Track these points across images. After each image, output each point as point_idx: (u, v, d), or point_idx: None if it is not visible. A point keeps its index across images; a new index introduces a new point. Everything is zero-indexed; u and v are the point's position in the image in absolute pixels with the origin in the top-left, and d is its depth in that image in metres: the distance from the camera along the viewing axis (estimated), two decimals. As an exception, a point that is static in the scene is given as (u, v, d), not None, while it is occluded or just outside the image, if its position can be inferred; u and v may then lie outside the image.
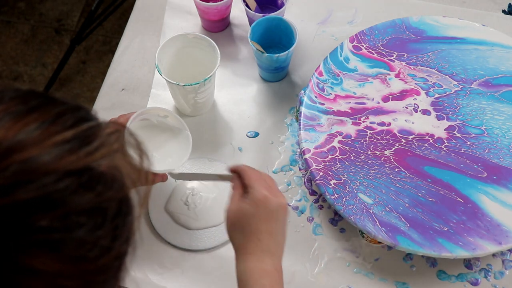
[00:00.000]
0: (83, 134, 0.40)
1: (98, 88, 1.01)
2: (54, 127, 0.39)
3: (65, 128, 0.40)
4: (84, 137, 0.40)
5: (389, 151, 0.86)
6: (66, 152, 0.39)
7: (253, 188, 0.68)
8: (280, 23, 0.93)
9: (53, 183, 0.38)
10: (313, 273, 0.84)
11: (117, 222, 0.41)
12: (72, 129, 0.40)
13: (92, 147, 0.40)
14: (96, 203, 0.40)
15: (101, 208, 0.40)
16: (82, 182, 0.39)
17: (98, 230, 0.40)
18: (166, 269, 0.85)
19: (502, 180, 0.84)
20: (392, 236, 0.80)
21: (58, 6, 1.98)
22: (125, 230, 0.43)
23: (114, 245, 0.41)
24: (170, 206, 0.88)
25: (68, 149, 0.39)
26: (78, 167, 0.39)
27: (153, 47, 1.02)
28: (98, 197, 0.40)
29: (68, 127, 0.40)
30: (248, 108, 0.97)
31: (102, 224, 0.40)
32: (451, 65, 0.93)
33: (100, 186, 0.40)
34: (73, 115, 0.41)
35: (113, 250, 0.42)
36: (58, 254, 0.38)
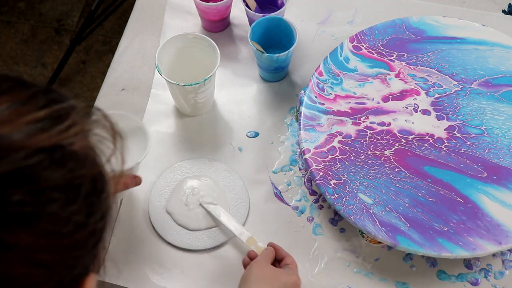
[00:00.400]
0: (55, 114, 0.42)
1: (98, 88, 1.01)
2: (25, 107, 0.41)
3: (37, 108, 0.41)
4: (56, 117, 0.42)
5: (389, 151, 0.86)
6: (38, 130, 0.40)
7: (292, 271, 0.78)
8: (280, 23, 0.93)
9: (24, 158, 0.39)
10: (313, 273, 0.84)
11: (91, 199, 0.43)
12: (44, 110, 0.41)
13: (63, 126, 0.41)
14: (69, 179, 0.41)
15: (74, 184, 0.41)
16: (54, 158, 0.40)
17: (71, 206, 0.41)
18: (166, 269, 0.85)
19: (502, 180, 0.84)
20: (392, 236, 0.80)
21: (58, 6, 1.98)
22: (100, 207, 0.44)
23: (88, 221, 0.43)
24: (170, 206, 0.88)
25: (40, 128, 0.40)
26: (49, 145, 0.40)
27: (153, 47, 1.02)
28: (70, 173, 0.41)
29: (40, 107, 0.41)
30: (248, 108, 0.97)
31: (75, 200, 0.41)
32: (451, 65, 0.93)
33: (72, 163, 0.41)
34: (45, 97, 0.43)
35: (88, 226, 0.43)
36: (31, 228, 0.39)
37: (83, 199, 0.42)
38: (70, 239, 0.42)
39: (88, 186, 0.42)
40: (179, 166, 0.91)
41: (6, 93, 0.41)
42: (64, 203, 0.41)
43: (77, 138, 0.42)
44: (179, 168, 0.91)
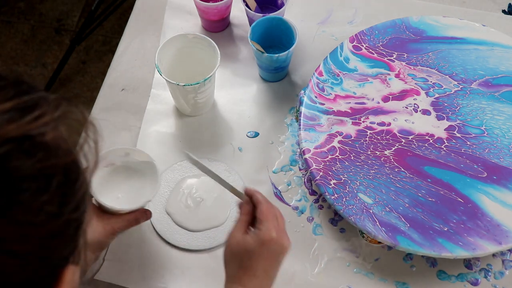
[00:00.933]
0: (23, 105, 0.42)
1: (98, 88, 1.01)
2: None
3: (4, 99, 0.41)
4: (25, 108, 0.42)
5: (389, 151, 0.86)
6: (5, 121, 0.40)
7: (263, 225, 0.70)
8: (280, 23, 0.93)
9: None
10: (313, 273, 0.84)
11: (64, 189, 0.43)
12: (12, 101, 0.41)
13: (32, 116, 0.41)
14: (39, 169, 0.41)
15: (45, 174, 0.41)
16: (23, 148, 0.40)
17: (43, 195, 0.41)
18: (166, 269, 0.85)
19: (502, 180, 0.84)
20: (392, 236, 0.80)
21: (58, 6, 1.98)
22: (74, 197, 0.44)
23: (62, 211, 0.43)
24: (170, 207, 0.88)
25: (8, 118, 0.40)
26: (17, 135, 0.40)
27: (153, 47, 1.02)
28: (39, 163, 0.41)
29: (8, 98, 0.41)
30: (248, 108, 0.97)
31: (46, 190, 0.41)
32: (451, 65, 0.93)
33: (42, 153, 0.41)
34: (13, 89, 0.43)
35: (61, 216, 0.43)
36: (2, 218, 0.40)
37: (55, 188, 0.42)
38: (43, 229, 0.42)
39: (60, 175, 0.42)
40: (179, 166, 0.91)
41: None
42: (35, 192, 0.41)
43: (48, 128, 0.42)
44: (179, 168, 0.91)
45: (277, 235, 0.69)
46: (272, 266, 0.70)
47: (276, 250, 0.69)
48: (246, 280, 0.69)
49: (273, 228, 0.69)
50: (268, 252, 0.69)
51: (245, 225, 0.72)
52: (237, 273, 0.69)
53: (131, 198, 0.80)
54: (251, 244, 0.69)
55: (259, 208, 0.72)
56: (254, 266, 0.69)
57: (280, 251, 0.70)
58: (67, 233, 0.44)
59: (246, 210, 0.73)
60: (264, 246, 0.69)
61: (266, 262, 0.69)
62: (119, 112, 0.97)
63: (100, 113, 0.97)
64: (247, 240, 0.69)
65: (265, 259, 0.69)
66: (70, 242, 0.45)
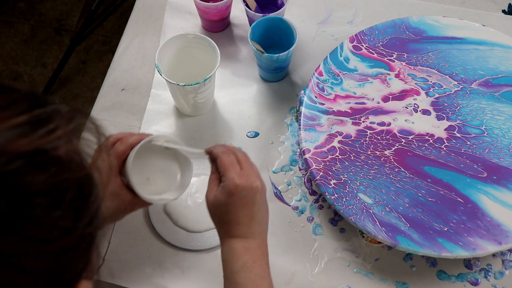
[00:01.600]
0: (36, 119, 0.41)
1: (98, 88, 1.01)
2: (6, 112, 0.40)
3: (17, 113, 0.41)
4: (38, 121, 0.41)
5: (389, 151, 0.86)
6: (18, 135, 0.40)
7: (225, 177, 0.69)
8: (280, 23, 0.93)
9: (4, 164, 0.38)
10: (313, 273, 0.84)
11: (77, 203, 0.42)
12: (25, 115, 0.41)
13: (44, 130, 0.41)
14: (52, 184, 0.40)
15: (57, 189, 0.41)
16: (35, 163, 0.40)
17: (56, 211, 0.40)
18: (166, 269, 0.85)
19: (502, 180, 0.84)
20: (392, 236, 0.80)
21: (58, 6, 1.98)
22: (88, 211, 0.43)
23: (75, 226, 0.42)
24: (169, 207, 0.88)
25: (20, 133, 0.40)
26: (30, 149, 0.40)
27: (153, 47, 1.02)
28: (52, 178, 0.40)
29: (21, 112, 0.41)
30: (248, 108, 0.97)
31: (59, 205, 0.41)
32: (451, 65, 0.93)
33: (55, 167, 0.41)
34: (26, 102, 0.42)
35: (75, 232, 0.42)
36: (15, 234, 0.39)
37: (68, 203, 0.41)
38: (57, 244, 0.41)
39: (73, 190, 0.42)
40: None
41: None
42: (47, 208, 0.40)
43: (61, 142, 0.41)
44: None
45: (240, 180, 0.68)
46: (252, 209, 0.69)
47: (247, 195, 0.68)
48: (233, 231, 0.69)
49: (235, 175, 0.69)
50: (239, 199, 0.68)
51: (214, 183, 0.71)
52: (223, 229, 0.70)
53: (160, 184, 0.79)
54: (221, 199, 0.69)
55: (218, 162, 0.71)
56: (234, 217, 0.68)
57: (252, 194, 0.69)
58: (80, 248, 0.43)
59: (212, 169, 0.73)
60: (233, 195, 0.68)
61: (244, 209, 0.68)
62: (119, 112, 0.97)
63: (100, 113, 0.97)
64: (217, 196, 0.69)
65: (241, 207, 0.68)
66: (83, 257, 0.44)
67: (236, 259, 0.68)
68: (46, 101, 0.44)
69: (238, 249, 0.69)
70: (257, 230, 0.70)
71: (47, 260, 0.41)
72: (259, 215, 0.70)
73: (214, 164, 0.72)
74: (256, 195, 0.69)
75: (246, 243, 0.69)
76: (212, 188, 0.71)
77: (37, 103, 0.43)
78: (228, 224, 0.69)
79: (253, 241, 0.69)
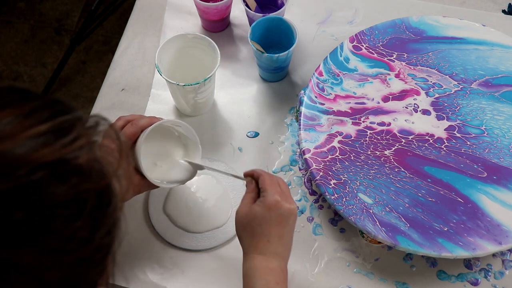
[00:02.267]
0: (58, 127, 0.41)
1: (98, 88, 1.01)
2: (28, 121, 0.40)
3: (40, 121, 0.40)
4: (60, 130, 0.41)
5: (389, 151, 0.86)
6: (41, 145, 0.39)
7: (266, 192, 0.70)
8: (280, 23, 0.93)
9: (27, 175, 0.38)
10: (313, 273, 0.84)
11: (96, 213, 0.42)
12: (47, 123, 0.40)
13: (67, 139, 0.40)
14: (73, 195, 0.40)
15: (78, 199, 0.40)
16: (57, 174, 0.39)
17: (76, 222, 0.40)
18: (166, 269, 0.85)
19: (502, 180, 0.84)
20: (392, 236, 0.80)
21: (58, 6, 1.98)
22: (106, 221, 0.43)
23: (94, 237, 0.42)
24: (168, 208, 0.87)
25: (43, 142, 0.39)
26: (52, 159, 0.39)
27: (153, 47, 1.02)
28: (74, 188, 0.40)
29: (43, 120, 0.40)
30: (248, 108, 0.97)
31: (79, 216, 0.40)
32: (451, 65, 0.93)
33: (76, 177, 0.40)
34: (49, 109, 0.41)
35: (93, 242, 0.42)
36: (34, 247, 0.38)
37: (88, 214, 0.40)
38: (75, 255, 0.41)
39: (93, 200, 0.41)
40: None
41: (9, 106, 0.40)
42: (68, 219, 0.39)
43: (82, 152, 0.41)
44: None
45: (281, 198, 0.70)
46: (284, 230, 0.70)
47: (284, 213, 0.70)
48: (261, 247, 0.69)
49: (277, 192, 0.70)
50: (276, 216, 0.69)
51: (250, 200, 0.72)
52: (252, 243, 0.70)
53: (167, 169, 0.80)
54: (259, 211, 0.70)
55: (260, 179, 0.73)
56: (266, 232, 0.69)
57: (288, 214, 0.70)
58: (97, 257, 0.43)
59: (250, 188, 0.74)
60: (271, 210, 0.69)
61: (277, 227, 0.69)
62: (119, 112, 0.97)
63: (100, 113, 0.97)
64: (254, 208, 0.70)
65: (275, 224, 0.69)
66: (99, 266, 0.44)
67: (259, 276, 0.68)
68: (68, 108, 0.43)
69: (261, 267, 0.69)
70: (283, 253, 0.71)
71: (65, 271, 0.40)
72: (288, 238, 0.71)
73: (252, 184, 0.74)
74: (291, 217, 0.70)
75: (270, 263, 0.69)
76: (247, 203, 0.72)
77: (59, 110, 0.42)
78: (258, 239, 0.69)
79: (277, 262, 0.69)
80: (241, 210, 0.72)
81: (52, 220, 0.39)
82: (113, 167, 0.44)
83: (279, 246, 0.70)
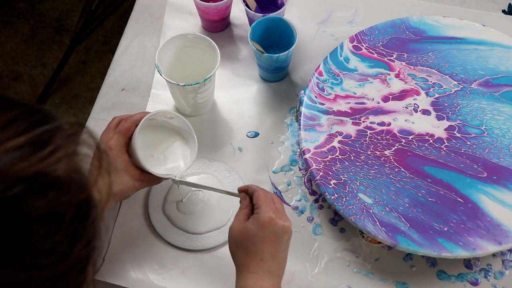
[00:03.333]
0: (36, 139, 0.39)
1: (98, 88, 1.01)
2: (5, 133, 0.39)
3: (17, 133, 0.39)
4: (38, 142, 0.39)
5: (389, 151, 0.86)
6: (18, 158, 0.38)
7: (260, 209, 0.70)
8: (280, 23, 0.93)
9: (3, 191, 0.37)
10: (313, 273, 0.84)
11: (75, 226, 0.40)
12: (25, 135, 0.39)
13: (45, 152, 0.39)
14: (50, 209, 0.39)
15: (56, 213, 0.39)
16: (34, 188, 0.38)
17: (54, 236, 0.39)
18: (166, 269, 0.85)
19: (502, 180, 0.84)
20: (392, 236, 0.80)
21: (58, 6, 1.98)
22: (86, 233, 0.42)
23: (72, 250, 0.40)
24: (167, 208, 0.87)
25: (20, 156, 0.38)
26: (30, 173, 0.38)
27: (153, 47, 1.02)
28: (52, 202, 0.39)
29: (21, 132, 0.39)
30: (248, 108, 0.97)
31: (57, 230, 0.39)
32: (451, 65, 0.93)
33: (54, 191, 0.39)
34: (27, 120, 0.40)
35: (71, 255, 0.41)
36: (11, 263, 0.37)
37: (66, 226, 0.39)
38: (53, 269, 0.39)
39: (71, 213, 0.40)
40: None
41: None
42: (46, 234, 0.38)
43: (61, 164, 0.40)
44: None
45: (275, 215, 0.70)
46: (278, 248, 0.70)
47: (278, 230, 0.69)
48: (254, 265, 0.69)
49: (271, 209, 0.70)
50: (270, 233, 0.69)
51: (244, 216, 0.72)
52: (245, 261, 0.70)
53: (165, 160, 0.81)
54: (252, 229, 0.69)
55: (254, 195, 0.72)
56: (260, 250, 0.69)
57: (282, 232, 0.70)
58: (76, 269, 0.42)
59: (244, 204, 0.74)
60: (265, 227, 0.69)
61: (271, 245, 0.69)
62: (119, 112, 0.97)
63: (100, 113, 0.97)
64: (247, 226, 0.70)
65: (269, 241, 0.69)
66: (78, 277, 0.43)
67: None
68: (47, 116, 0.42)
69: (255, 287, 0.68)
70: (277, 271, 0.70)
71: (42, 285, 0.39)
72: (282, 256, 0.71)
73: (246, 200, 0.74)
74: (285, 235, 0.70)
75: (263, 282, 0.68)
76: (240, 220, 0.71)
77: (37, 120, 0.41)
78: (251, 258, 0.69)
79: (270, 281, 0.69)
80: (234, 227, 0.71)
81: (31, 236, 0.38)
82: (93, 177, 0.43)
83: (273, 265, 0.69)
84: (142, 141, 0.77)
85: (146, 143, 0.80)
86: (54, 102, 1.82)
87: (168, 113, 0.80)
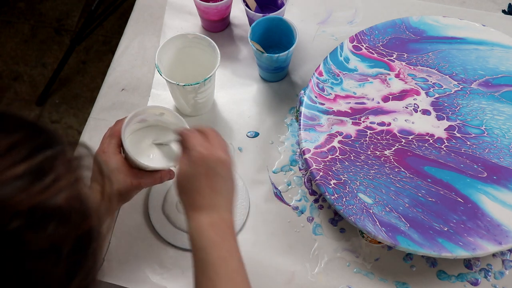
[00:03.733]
0: (37, 167, 0.37)
1: (98, 88, 1.01)
2: (4, 161, 0.37)
3: (16, 162, 0.37)
4: (38, 171, 0.37)
5: (389, 151, 0.86)
6: (17, 189, 0.36)
7: (190, 149, 0.69)
8: (280, 23, 0.93)
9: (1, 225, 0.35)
10: (313, 273, 0.84)
11: (74, 258, 0.39)
12: (25, 162, 0.37)
13: (45, 182, 0.37)
14: (50, 242, 0.37)
15: (55, 247, 0.37)
16: (33, 222, 0.36)
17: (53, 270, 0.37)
18: (166, 269, 0.85)
19: (502, 180, 0.84)
20: (392, 236, 0.80)
21: (58, 6, 1.98)
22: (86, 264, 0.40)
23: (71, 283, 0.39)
24: (166, 209, 0.87)
25: (19, 187, 0.36)
26: (29, 206, 0.36)
27: (153, 47, 1.02)
28: (51, 236, 0.37)
29: (21, 160, 0.37)
30: (248, 108, 0.97)
31: (57, 264, 0.37)
32: (451, 65, 0.93)
33: (54, 223, 0.37)
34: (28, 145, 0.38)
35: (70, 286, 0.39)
36: None
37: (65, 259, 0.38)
38: None
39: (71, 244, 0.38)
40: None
41: None
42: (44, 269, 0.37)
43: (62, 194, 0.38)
44: None
45: (206, 150, 0.68)
46: (216, 181, 0.68)
47: (211, 163, 0.68)
48: (195, 203, 0.67)
49: (200, 145, 0.68)
50: (204, 169, 0.67)
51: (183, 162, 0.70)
52: (187, 202, 0.68)
53: (161, 157, 0.81)
54: (185, 168, 0.68)
55: (184, 138, 0.71)
56: (196, 186, 0.67)
57: (216, 164, 0.68)
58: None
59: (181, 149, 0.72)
60: (197, 164, 0.68)
61: (206, 179, 0.67)
62: (119, 112, 0.97)
63: (100, 113, 0.97)
64: (182, 168, 0.69)
65: (204, 176, 0.67)
66: None
67: (202, 235, 0.66)
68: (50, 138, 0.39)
69: (203, 225, 0.66)
70: (220, 203, 0.68)
71: None
72: (222, 187, 0.68)
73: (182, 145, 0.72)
74: (220, 166, 0.68)
75: (210, 218, 0.66)
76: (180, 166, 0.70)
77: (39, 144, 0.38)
78: (189, 195, 0.68)
79: (216, 214, 0.67)
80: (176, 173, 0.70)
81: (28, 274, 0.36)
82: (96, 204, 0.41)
83: (214, 197, 0.67)
84: (134, 139, 0.78)
85: (141, 147, 0.80)
86: (54, 102, 1.82)
87: (158, 109, 0.80)
